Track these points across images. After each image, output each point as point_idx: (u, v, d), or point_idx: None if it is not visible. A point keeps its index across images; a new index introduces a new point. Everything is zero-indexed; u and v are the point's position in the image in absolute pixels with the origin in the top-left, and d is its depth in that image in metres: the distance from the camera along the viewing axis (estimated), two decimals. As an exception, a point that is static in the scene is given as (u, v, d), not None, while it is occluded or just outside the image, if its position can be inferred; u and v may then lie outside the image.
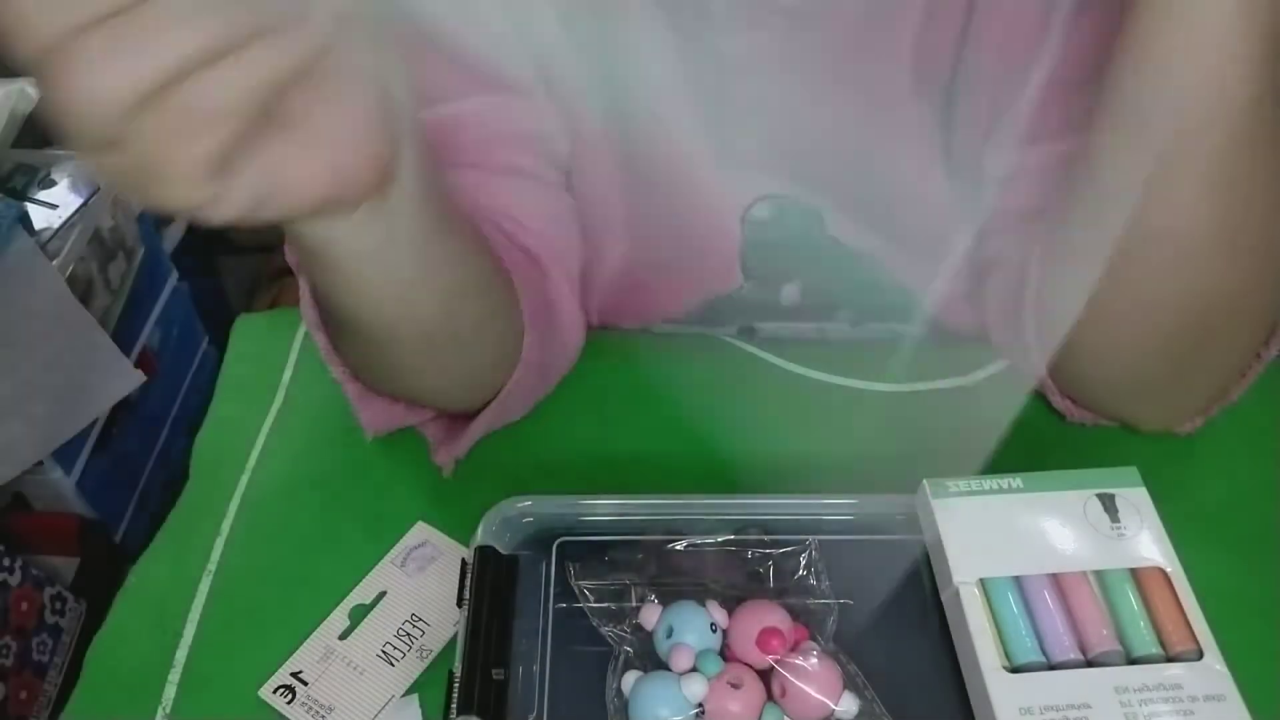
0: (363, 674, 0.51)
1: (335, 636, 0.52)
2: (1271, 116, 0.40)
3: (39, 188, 1.09)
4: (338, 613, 0.53)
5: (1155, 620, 0.47)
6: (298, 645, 0.51)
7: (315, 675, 0.51)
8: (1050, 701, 0.44)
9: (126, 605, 0.54)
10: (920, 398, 0.62)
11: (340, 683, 0.50)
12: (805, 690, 0.45)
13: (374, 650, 0.52)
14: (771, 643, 0.46)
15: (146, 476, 1.28)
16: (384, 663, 0.51)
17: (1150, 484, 0.51)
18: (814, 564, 0.50)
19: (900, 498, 0.53)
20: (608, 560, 0.51)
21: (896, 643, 0.49)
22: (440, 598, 0.53)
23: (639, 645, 0.48)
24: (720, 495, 0.55)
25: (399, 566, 0.55)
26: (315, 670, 0.51)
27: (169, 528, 0.58)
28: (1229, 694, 0.44)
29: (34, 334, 1.01)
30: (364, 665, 0.51)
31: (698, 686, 0.45)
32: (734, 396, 0.62)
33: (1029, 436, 0.60)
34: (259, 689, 0.50)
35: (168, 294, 1.31)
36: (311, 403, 0.63)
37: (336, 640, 0.52)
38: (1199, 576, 0.48)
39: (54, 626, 1.07)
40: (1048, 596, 0.48)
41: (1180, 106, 0.40)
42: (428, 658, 0.51)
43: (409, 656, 0.51)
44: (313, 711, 0.49)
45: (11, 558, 1.03)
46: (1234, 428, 0.60)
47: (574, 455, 0.59)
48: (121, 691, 0.50)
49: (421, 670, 0.51)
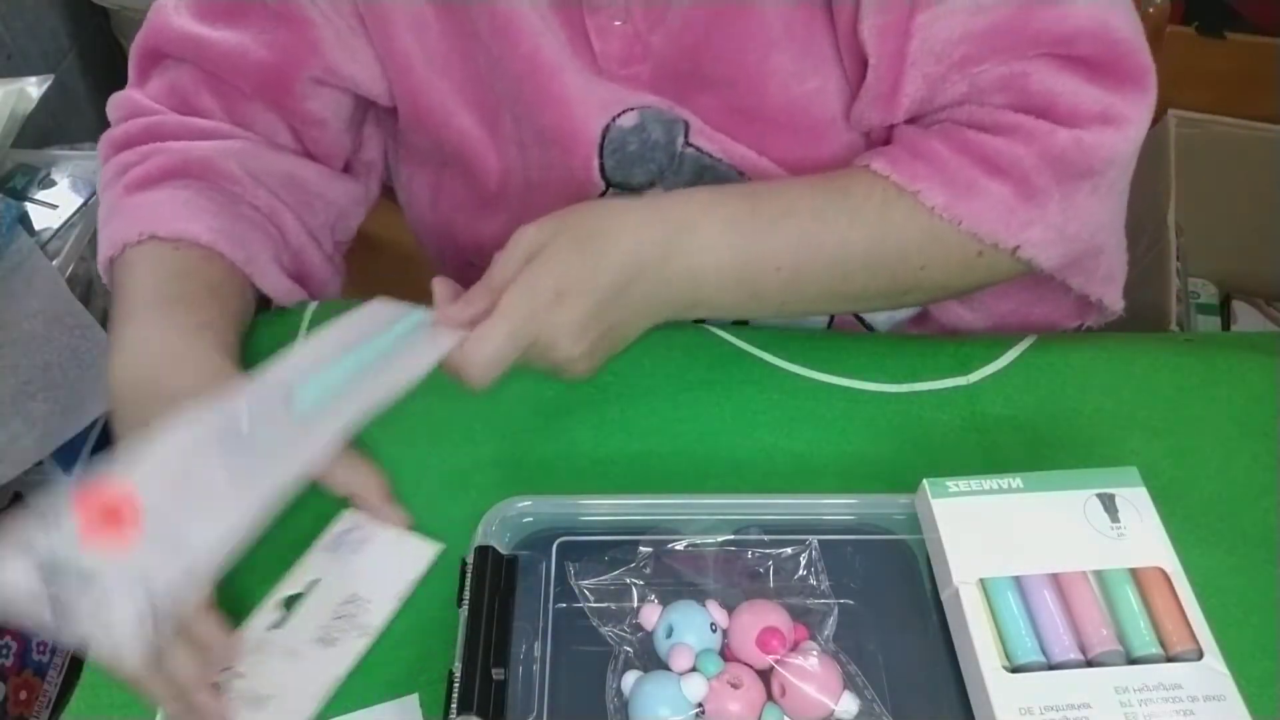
0: (301, 659, 0.50)
1: (266, 628, 0.51)
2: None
3: (39, 188, 1.09)
4: (270, 604, 0.52)
5: (1155, 620, 0.47)
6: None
7: (250, 666, 0.50)
8: (1050, 701, 0.44)
9: (126, 605, 0.54)
10: (920, 398, 0.62)
11: (277, 671, 0.50)
12: (805, 690, 0.45)
13: (311, 635, 0.51)
14: (771, 643, 0.46)
15: (146, 476, 1.29)
16: (323, 646, 0.51)
17: (1150, 484, 0.51)
18: (814, 564, 0.50)
19: (900, 498, 0.53)
20: (608, 560, 0.51)
21: (896, 643, 0.49)
22: (379, 577, 0.53)
23: (639, 645, 0.48)
24: (720, 495, 0.55)
25: (331, 553, 0.54)
26: (250, 662, 0.50)
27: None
28: (1229, 694, 0.45)
29: (34, 334, 1.01)
30: (301, 651, 0.51)
31: (698, 686, 0.45)
32: (734, 397, 0.62)
33: (1029, 436, 0.60)
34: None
35: (168, 294, 1.31)
36: (311, 403, 0.63)
37: (267, 631, 0.51)
38: (1199, 576, 0.48)
39: (54, 626, 1.07)
40: (1048, 596, 0.48)
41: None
42: (371, 634, 0.51)
43: (349, 635, 0.51)
44: (250, 703, 0.49)
45: (11, 558, 1.03)
46: (1234, 428, 0.60)
47: (574, 455, 0.59)
48: (121, 691, 0.50)
49: (365, 647, 0.51)
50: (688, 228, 0.56)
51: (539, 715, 0.46)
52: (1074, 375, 0.63)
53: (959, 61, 0.56)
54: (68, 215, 1.07)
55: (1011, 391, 0.62)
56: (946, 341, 0.66)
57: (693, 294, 0.57)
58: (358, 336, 0.52)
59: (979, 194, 0.57)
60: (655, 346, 0.65)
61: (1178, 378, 0.63)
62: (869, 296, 0.62)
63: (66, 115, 1.51)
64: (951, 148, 0.57)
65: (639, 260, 0.54)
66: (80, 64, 1.55)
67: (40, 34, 1.47)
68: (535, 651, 0.48)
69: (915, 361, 0.64)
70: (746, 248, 0.57)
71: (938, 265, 0.59)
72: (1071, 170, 0.57)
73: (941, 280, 0.61)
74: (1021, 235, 0.57)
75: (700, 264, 0.56)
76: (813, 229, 0.57)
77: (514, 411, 0.61)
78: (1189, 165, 1.27)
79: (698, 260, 0.56)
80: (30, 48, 1.44)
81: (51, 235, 1.06)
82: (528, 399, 0.62)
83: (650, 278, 0.55)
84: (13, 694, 1.02)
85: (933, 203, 0.57)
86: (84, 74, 1.56)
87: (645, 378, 0.63)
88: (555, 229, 0.54)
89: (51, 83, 1.08)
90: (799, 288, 0.59)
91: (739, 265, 0.57)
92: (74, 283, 1.06)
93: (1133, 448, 0.59)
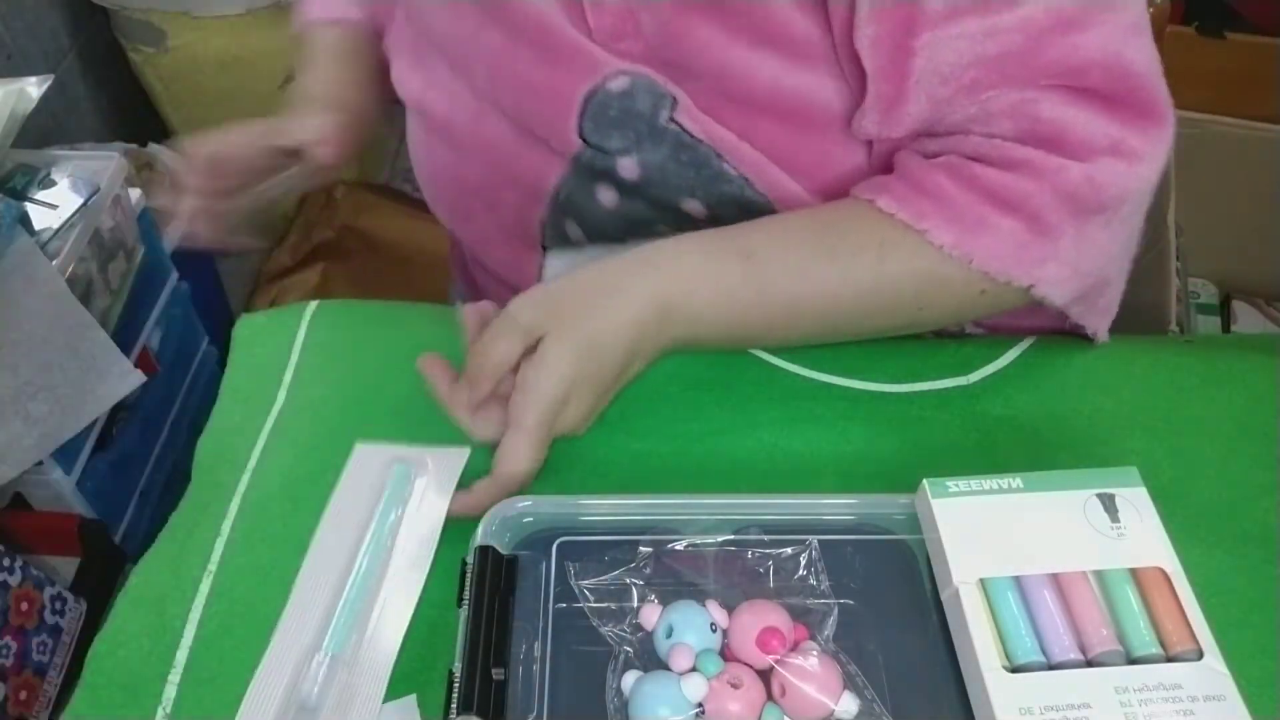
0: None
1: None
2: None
3: (39, 188, 1.09)
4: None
5: (1155, 620, 0.47)
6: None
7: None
8: (1050, 701, 0.44)
9: (126, 605, 0.54)
10: (920, 398, 0.62)
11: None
12: (805, 690, 0.45)
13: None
14: (771, 643, 0.46)
15: (146, 476, 1.28)
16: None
17: (1150, 484, 0.51)
18: (814, 564, 0.51)
19: (900, 498, 0.53)
20: (608, 560, 0.51)
21: (896, 643, 0.49)
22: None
23: (639, 645, 0.48)
24: (720, 495, 0.55)
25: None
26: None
27: (169, 528, 0.58)
28: (1229, 694, 0.44)
29: (34, 334, 1.01)
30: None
31: (698, 686, 0.45)
32: (734, 396, 0.62)
33: (1029, 436, 0.60)
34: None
35: (168, 294, 1.30)
36: (312, 402, 0.63)
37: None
38: (1199, 576, 0.48)
39: (54, 626, 1.07)
40: (1048, 596, 0.48)
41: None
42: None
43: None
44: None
45: (11, 558, 1.03)
46: (1234, 428, 0.60)
47: (574, 455, 0.59)
48: (121, 691, 0.50)
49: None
50: (680, 303, 0.57)
51: (539, 715, 0.46)
52: (1074, 375, 0.63)
53: (968, 86, 0.55)
54: (68, 215, 1.07)
55: (1011, 391, 0.62)
56: (946, 341, 0.66)
57: (685, 345, 0.60)
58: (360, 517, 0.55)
59: (989, 230, 0.56)
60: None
61: (1178, 378, 0.63)
62: (864, 334, 0.63)
63: (66, 115, 1.51)
64: (959, 184, 0.56)
65: (637, 345, 0.57)
66: (80, 64, 1.56)
67: (40, 34, 1.47)
68: (535, 651, 0.48)
69: (915, 361, 0.64)
70: (741, 315, 0.59)
71: (937, 306, 0.59)
72: (1084, 206, 0.56)
73: (939, 318, 0.62)
74: (1035, 273, 0.57)
75: (693, 332, 0.59)
76: (807, 289, 0.59)
77: (514, 411, 0.61)
78: (1189, 165, 1.27)
79: (690, 330, 0.59)
80: (30, 48, 1.44)
81: (51, 235, 1.05)
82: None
83: (646, 350, 0.58)
84: (13, 694, 1.02)
85: (940, 241, 0.56)
86: (84, 74, 1.56)
87: (645, 378, 0.63)
88: (549, 318, 0.56)
89: (51, 83, 1.08)
90: (793, 336, 0.62)
91: (735, 326, 0.60)
92: (74, 283, 1.06)
93: (1133, 448, 0.59)
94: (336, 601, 0.51)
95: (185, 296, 1.37)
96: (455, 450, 0.58)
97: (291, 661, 0.50)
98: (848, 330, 0.62)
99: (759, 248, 0.59)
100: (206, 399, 0.65)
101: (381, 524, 0.54)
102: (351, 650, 0.50)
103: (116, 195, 1.15)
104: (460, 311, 0.60)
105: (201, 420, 0.63)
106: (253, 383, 0.65)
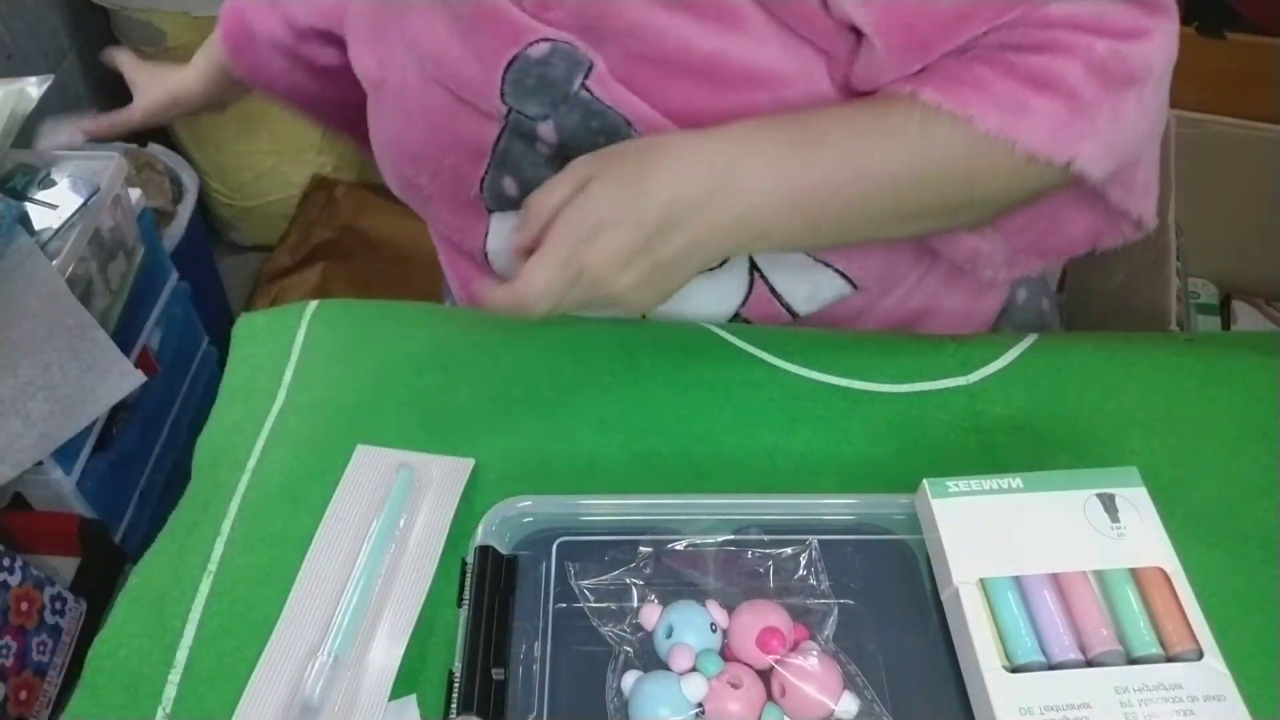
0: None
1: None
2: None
3: (39, 188, 1.09)
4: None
5: (1155, 620, 0.47)
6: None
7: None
8: (1050, 701, 0.44)
9: (126, 605, 0.54)
10: (920, 398, 0.62)
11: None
12: (805, 690, 0.45)
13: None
14: (771, 643, 0.46)
15: (146, 476, 1.28)
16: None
17: (1150, 484, 0.51)
18: (814, 564, 0.51)
19: (900, 498, 0.53)
20: (608, 560, 0.51)
21: (896, 643, 0.49)
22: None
23: (639, 645, 0.48)
24: (720, 495, 0.55)
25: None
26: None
27: (169, 528, 0.58)
28: (1229, 694, 0.45)
29: (34, 334, 1.00)
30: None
31: (698, 686, 0.45)
32: (734, 397, 0.62)
33: (1029, 436, 0.60)
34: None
35: (168, 294, 1.30)
36: (312, 402, 0.63)
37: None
38: (1199, 576, 0.48)
39: (54, 626, 1.07)
40: (1048, 596, 0.48)
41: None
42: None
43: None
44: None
45: (11, 558, 1.03)
46: (1234, 428, 0.60)
47: (574, 455, 0.59)
48: (121, 691, 0.50)
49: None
50: (729, 171, 0.57)
51: (539, 715, 0.46)
52: (1074, 375, 0.63)
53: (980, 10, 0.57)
54: (68, 215, 1.07)
55: (1011, 391, 0.62)
56: (946, 341, 0.66)
57: (749, 230, 0.58)
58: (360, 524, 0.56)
59: (1030, 113, 0.57)
60: (655, 346, 0.65)
61: (1178, 378, 0.63)
62: (923, 215, 0.62)
63: (66, 115, 1.51)
64: (996, 71, 0.58)
65: (683, 203, 0.56)
66: (80, 64, 1.56)
67: (40, 34, 1.47)
68: (535, 651, 0.48)
69: (915, 361, 0.64)
70: (794, 179, 0.58)
71: (987, 178, 0.60)
72: (1115, 80, 0.58)
73: (992, 194, 0.61)
74: (1074, 149, 0.58)
75: (749, 204, 0.57)
76: (857, 151, 0.58)
77: (514, 411, 0.61)
78: (1189, 165, 1.27)
79: (746, 201, 0.57)
80: (30, 48, 1.44)
81: (51, 235, 1.05)
82: (528, 399, 0.62)
83: (696, 222, 0.57)
84: (13, 694, 1.02)
85: (986, 127, 0.57)
86: (84, 74, 1.56)
87: (645, 378, 0.63)
88: (603, 164, 0.57)
89: (51, 83, 1.08)
90: (853, 210, 0.60)
91: (790, 196, 0.58)
92: (74, 283, 1.06)
93: (1133, 448, 0.59)
94: (337, 603, 0.51)
95: (185, 296, 1.37)
96: (460, 460, 0.58)
97: (291, 662, 0.50)
98: (909, 204, 0.61)
99: (802, 120, 0.59)
100: (206, 399, 0.65)
101: (386, 528, 0.54)
102: (356, 654, 0.50)
103: (116, 195, 1.15)
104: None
105: (201, 420, 0.63)
106: (252, 382, 0.65)
